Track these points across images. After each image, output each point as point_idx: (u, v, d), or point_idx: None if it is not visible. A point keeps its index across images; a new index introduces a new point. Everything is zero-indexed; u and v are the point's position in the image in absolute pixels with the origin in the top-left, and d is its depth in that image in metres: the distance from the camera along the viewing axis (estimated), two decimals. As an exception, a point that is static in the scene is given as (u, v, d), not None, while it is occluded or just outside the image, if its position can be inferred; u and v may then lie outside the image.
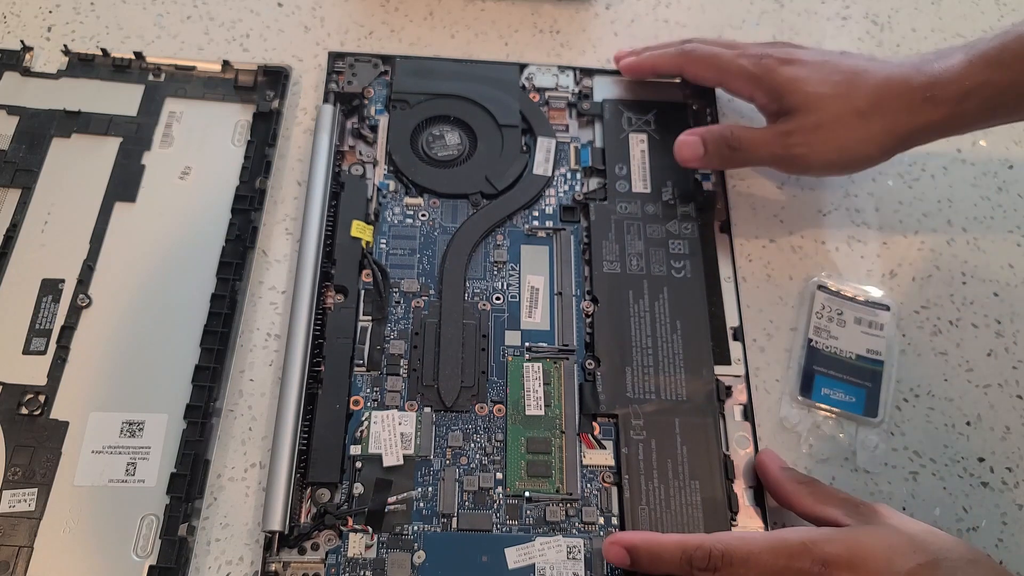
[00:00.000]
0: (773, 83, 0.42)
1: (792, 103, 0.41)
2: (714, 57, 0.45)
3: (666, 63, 0.48)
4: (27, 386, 0.40)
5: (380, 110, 0.49)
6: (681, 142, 0.44)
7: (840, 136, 0.41)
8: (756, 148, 0.43)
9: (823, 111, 0.40)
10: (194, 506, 0.38)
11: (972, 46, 0.40)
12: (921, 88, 0.40)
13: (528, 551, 0.38)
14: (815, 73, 0.41)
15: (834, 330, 0.44)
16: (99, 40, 0.51)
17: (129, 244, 0.44)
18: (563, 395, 0.41)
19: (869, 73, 0.41)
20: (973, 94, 0.39)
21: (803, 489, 0.37)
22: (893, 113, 0.40)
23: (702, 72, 0.46)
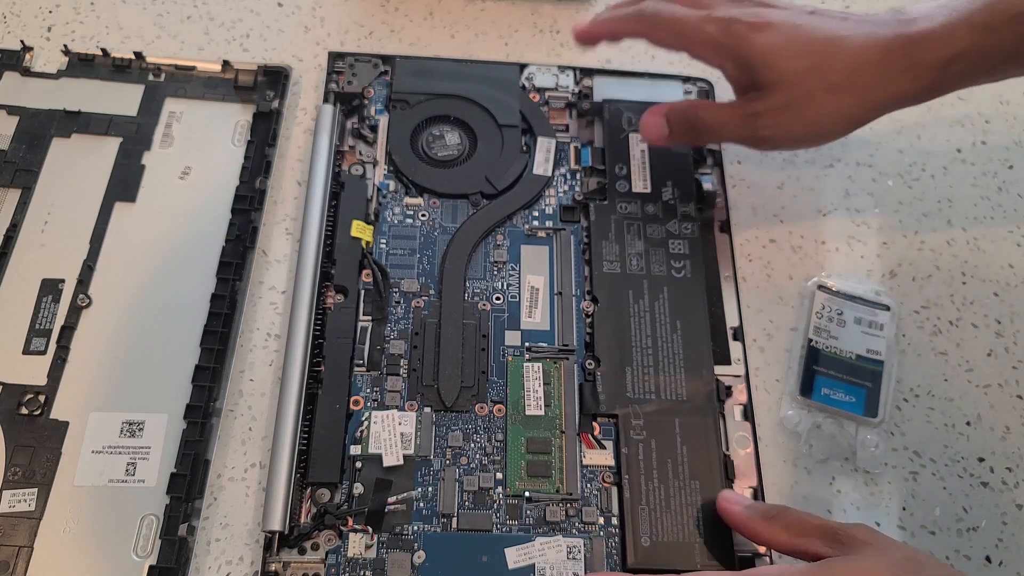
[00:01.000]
0: (745, 55, 0.38)
1: (764, 79, 0.38)
2: (677, 22, 0.40)
3: (623, 27, 0.43)
4: (27, 386, 0.40)
5: (380, 110, 0.49)
6: (645, 122, 0.42)
7: (811, 114, 0.38)
8: (722, 128, 0.41)
9: (795, 89, 0.38)
10: (194, 506, 0.38)
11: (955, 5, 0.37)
12: (901, 55, 0.37)
13: (528, 551, 0.38)
14: (790, 43, 0.38)
15: (834, 330, 0.44)
16: (99, 40, 0.51)
17: (129, 244, 0.44)
18: (563, 395, 0.41)
19: (845, 42, 0.38)
20: (956, 60, 0.37)
21: (775, 525, 0.35)
22: (869, 86, 0.37)
23: (664, 38, 0.42)
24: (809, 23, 0.39)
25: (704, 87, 0.52)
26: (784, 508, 0.36)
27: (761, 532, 0.35)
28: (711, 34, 0.39)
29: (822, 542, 0.33)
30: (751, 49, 0.38)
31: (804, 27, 0.38)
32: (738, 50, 0.38)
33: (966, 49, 0.36)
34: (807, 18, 0.39)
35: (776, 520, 0.35)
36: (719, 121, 0.40)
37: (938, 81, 0.37)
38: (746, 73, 0.39)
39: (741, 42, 0.38)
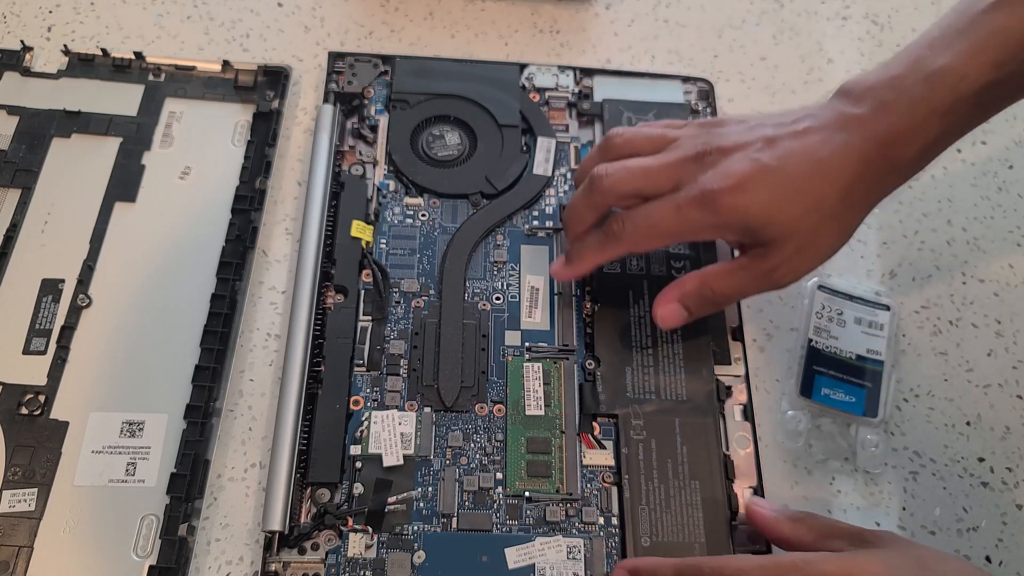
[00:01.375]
0: (741, 223, 0.36)
1: (767, 236, 0.36)
2: (656, 227, 0.38)
3: (606, 257, 0.40)
4: (27, 386, 0.40)
5: (380, 110, 0.49)
6: (662, 315, 0.39)
7: (820, 247, 0.37)
8: (741, 293, 0.39)
9: (800, 234, 0.36)
10: (194, 506, 0.38)
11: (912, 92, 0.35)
12: (881, 160, 0.36)
13: (528, 551, 0.38)
14: (777, 193, 0.36)
15: (834, 330, 0.44)
16: (99, 40, 0.51)
17: (129, 244, 0.44)
18: (563, 395, 0.41)
19: (826, 165, 0.36)
20: (931, 147, 0.36)
21: (802, 527, 0.36)
22: (862, 199, 0.37)
23: (651, 245, 0.40)
24: (778, 157, 0.36)
25: (704, 87, 0.52)
26: (811, 513, 0.36)
27: (787, 533, 0.36)
28: (698, 220, 0.37)
29: (847, 542, 0.34)
30: (744, 215, 0.36)
31: (778, 167, 0.36)
32: (732, 221, 0.36)
33: (938, 136, 0.36)
34: (770, 152, 0.36)
35: (803, 522, 0.36)
36: (737, 287, 0.39)
37: (918, 168, 0.37)
38: (747, 236, 0.37)
39: (731, 213, 0.36)
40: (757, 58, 0.54)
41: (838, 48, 0.55)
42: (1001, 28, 0.35)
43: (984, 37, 0.35)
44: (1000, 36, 0.35)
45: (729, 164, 0.37)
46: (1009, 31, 0.34)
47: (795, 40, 0.55)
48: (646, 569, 0.36)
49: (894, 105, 0.35)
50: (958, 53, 0.35)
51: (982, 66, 0.35)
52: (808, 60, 0.55)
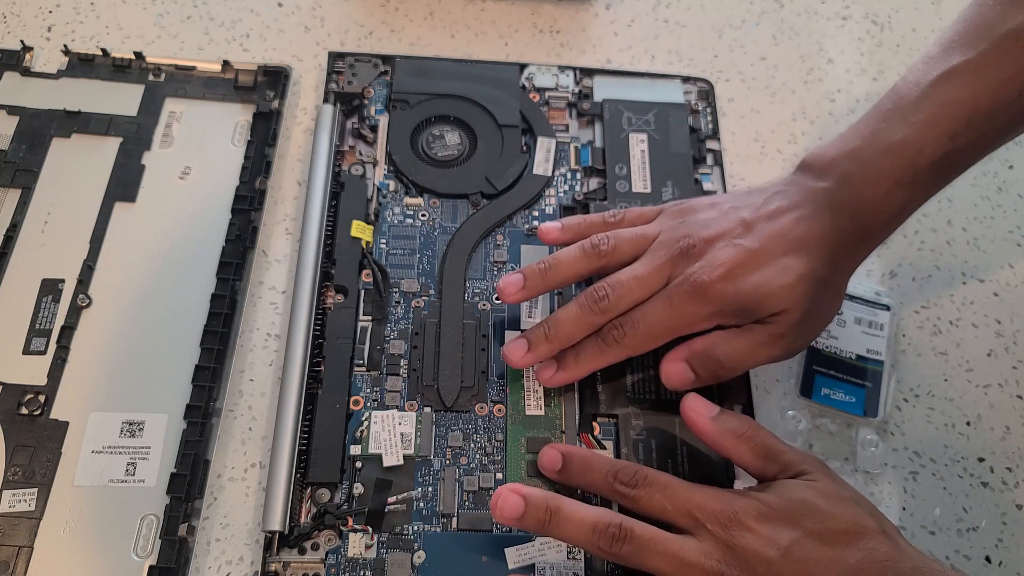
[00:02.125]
0: (734, 307, 0.37)
1: (766, 310, 0.37)
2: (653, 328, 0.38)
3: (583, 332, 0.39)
4: (27, 386, 0.40)
5: (380, 110, 0.49)
6: (668, 373, 0.39)
7: (825, 310, 0.39)
8: (750, 357, 0.38)
9: (799, 302, 0.37)
10: (194, 506, 0.38)
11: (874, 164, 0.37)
12: (853, 230, 0.37)
13: (528, 551, 0.38)
14: (763, 272, 0.37)
15: (834, 330, 0.44)
16: (99, 40, 0.51)
17: (129, 244, 0.44)
18: (563, 395, 0.41)
19: (804, 243, 0.37)
20: (897, 215, 0.38)
21: (744, 445, 0.36)
22: (844, 265, 0.38)
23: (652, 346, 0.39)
24: (759, 240, 0.37)
25: (704, 87, 0.52)
26: (752, 427, 0.36)
27: (730, 448, 0.36)
28: (694, 312, 0.37)
29: (780, 469, 0.35)
30: (737, 298, 0.37)
31: (760, 249, 0.37)
32: (727, 307, 0.37)
33: (903, 206, 0.38)
34: (750, 236, 0.38)
35: (745, 440, 0.36)
36: (747, 354, 0.38)
37: (887, 233, 0.39)
38: (746, 316, 0.37)
39: (724, 299, 0.37)
40: (757, 58, 0.54)
41: (838, 48, 0.55)
42: (952, 101, 0.36)
43: (936, 110, 0.37)
44: (951, 108, 0.36)
45: (714, 254, 0.38)
46: (959, 103, 0.36)
47: (795, 40, 0.55)
48: (581, 457, 0.37)
49: (857, 178, 0.37)
50: (913, 126, 0.37)
51: (938, 139, 0.36)
52: (808, 60, 0.55)
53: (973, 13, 0.38)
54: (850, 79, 0.54)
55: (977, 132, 0.37)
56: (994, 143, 0.38)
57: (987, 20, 0.37)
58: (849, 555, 0.31)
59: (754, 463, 0.36)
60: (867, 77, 0.54)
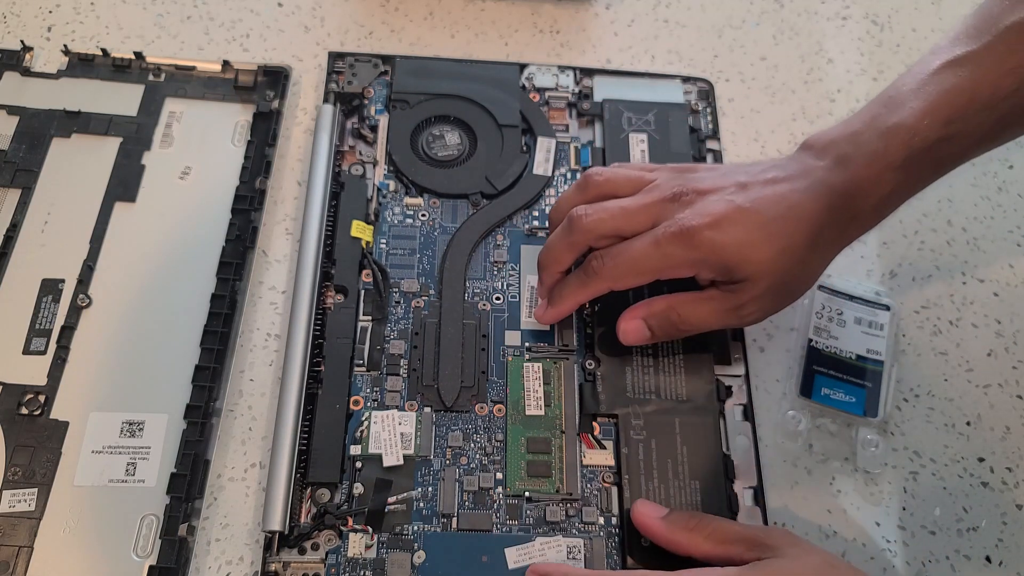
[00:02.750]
0: (718, 259, 0.37)
1: (741, 275, 0.37)
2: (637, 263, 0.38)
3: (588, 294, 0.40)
4: (27, 386, 0.40)
5: (380, 110, 0.49)
6: (624, 329, 0.40)
7: (788, 289, 0.39)
8: (706, 324, 0.39)
9: (771, 275, 0.37)
10: (194, 506, 0.38)
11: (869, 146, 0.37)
12: (844, 209, 0.37)
13: (528, 551, 0.38)
14: (752, 231, 0.37)
15: (834, 330, 0.44)
16: (99, 40, 0.51)
17: (129, 244, 0.44)
18: (563, 395, 0.41)
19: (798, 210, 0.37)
20: (888, 199, 0.38)
21: (697, 535, 0.35)
22: (828, 244, 0.38)
23: (635, 282, 0.39)
24: (751, 200, 0.38)
25: (704, 87, 0.52)
26: (704, 516, 0.37)
27: (683, 543, 0.36)
28: (677, 254, 0.38)
29: (745, 548, 0.34)
30: (721, 251, 0.37)
31: (752, 209, 0.37)
32: (709, 257, 0.37)
33: (894, 189, 0.38)
34: (744, 195, 0.38)
35: (697, 530, 0.36)
36: (703, 318, 0.39)
37: (878, 219, 0.39)
38: (722, 273, 0.38)
39: (709, 248, 0.37)
40: (757, 58, 0.54)
41: (838, 48, 0.55)
42: (951, 88, 0.37)
43: (935, 96, 0.37)
44: (949, 95, 0.37)
45: (706, 204, 0.38)
46: (957, 91, 0.37)
47: (795, 40, 0.55)
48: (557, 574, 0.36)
49: (853, 158, 0.37)
50: (911, 111, 0.37)
51: (933, 123, 0.37)
52: (808, 60, 0.55)
53: (984, 8, 0.38)
54: (850, 79, 0.54)
55: (974, 121, 0.37)
56: (990, 137, 0.38)
57: (994, 14, 0.37)
58: None
59: (715, 550, 0.35)
60: (867, 77, 0.54)
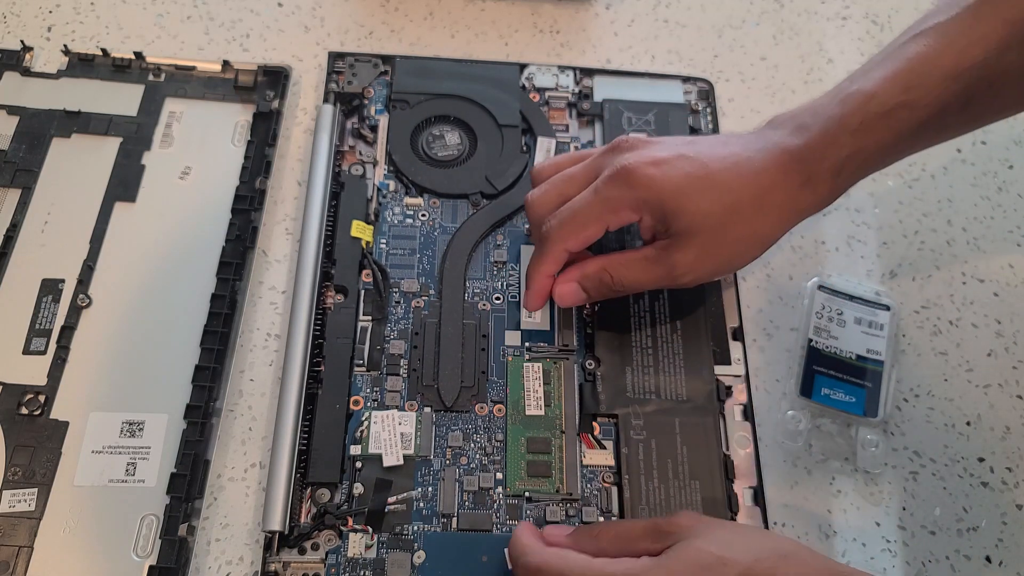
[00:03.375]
0: (657, 199, 0.36)
1: (678, 226, 0.36)
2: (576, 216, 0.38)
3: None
4: (27, 386, 0.40)
5: (380, 110, 0.49)
6: (559, 293, 0.40)
7: (727, 251, 0.38)
8: (639, 284, 0.39)
9: (709, 232, 0.36)
10: (194, 506, 0.38)
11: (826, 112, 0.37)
12: (797, 172, 0.37)
13: (528, 551, 0.38)
14: (694, 179, 0.36)
15: (834, 330, 0.44)
16: (99, 40, 0.51)
17: (129, 244, 0.44)
18: (563, 395, 0.41)
19: (746, 165, 0.37)
20: (844, 165, 0.37)
21: (601, 542, 0.34)
22: (777, 206, 0.37)
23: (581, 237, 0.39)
24: (697, 151, 0.37)
25: (704, 87, 0.52)
26: (605, 523, 0.36)
27: (592, 552, 0.34)
28: (616, 196, 0.37)
29: (651, 540, 0.33)
30: (660, 191, 0.36)
31: (695, 157, 0.37)
32: (648, 197, 0.36)
33: (850, 154, 0.37)
34: (690, 147, 0.38)
35: (601, 536, 0.35)
36: (635, 279, 0.39)
37: (834, 187, 0.38)
38: (660, 219, 0.37)
39: (647, 187, 0.36)
40: (757, 58, 0.54)
41: (838, 48, 0.55)
42: (913, 56, 0.36)
43: (898, 64, 0.37)
44: (912, 63, 0.36)
45: (648, 148, 0.38)
46: (920, 58, 0.36)
47: (795, 40, 0.55)
48: None
49: (810, 126, 0.37)
50: (872, 79, 0.37)
51: (891, 88, 0.36)
52: (808, 60, 0.55)
53: None
54: (850, 79, 0.54)
55: (936, 89, 0.36)
56: (955, 109, 0.36)
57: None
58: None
59: (624, 552, 0.33)
60: (867, 77, 0.54)
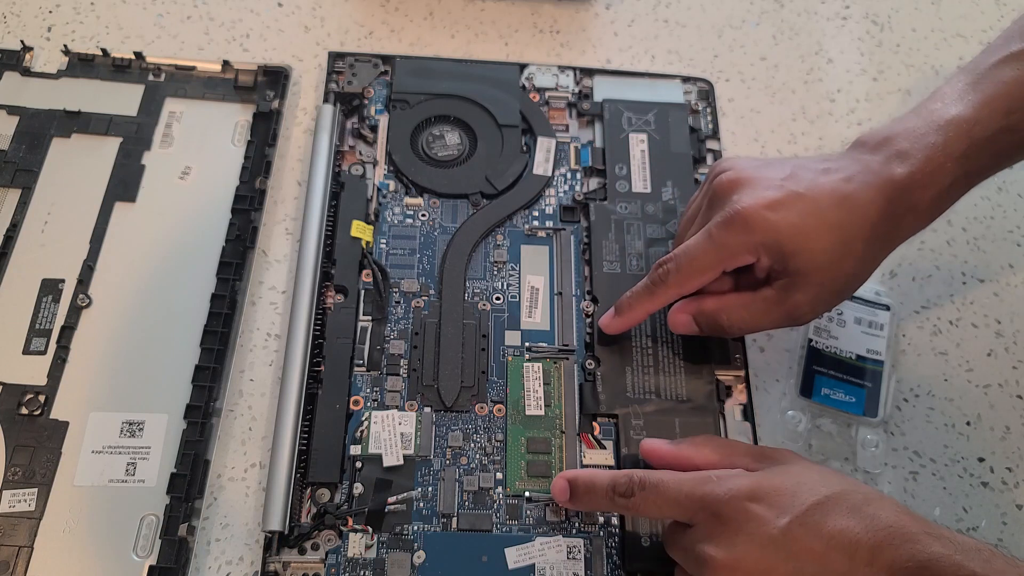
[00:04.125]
0: (775, 240, 0.36)
1: (796, 266, 0.36)
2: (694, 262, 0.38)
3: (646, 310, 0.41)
4: (27, 386, 0.40)
5: (380, 110, 0.49)
6: (676, 322, 0.40)
7: (843, 285, 0.38)
8: (757, 326, 0.39)
9: (827, 270, 0.36)
10: (194, 506, 0.38)
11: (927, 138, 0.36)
12: (901, 202, 0.36)
13: (528, 551, 0.38)
14: (808, 219, 0.36)
15: (834, 330, 0.44)
16: (99, 40, 0.51)
17: (129, 244, 0.44)
18: (563, 395, 0.41)
19: (854, 200, 0.36)
20: (947, 192, 0.37)
21: (705, 449, 0.37)
22: (885, 238, 0.37)
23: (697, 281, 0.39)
24: (806, 186, 0.37)
25: (704, 87, 0.52)
26: (707, 436, 0.38)
27: (693, 457, 0.37)
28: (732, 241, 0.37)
29: (751, 459, 0.36)
30: (777, 233, 0.36)
31: (806, 194, 0.36)
32: (766, 240, 0.36)
33: (954, 182, 0.37)
34: (796, 181, 0.37)
35: (705, 445, 0.37)
36: (754, 321, 0.39)
37: (935, 214, 0.38)
38: (778, 260, 0.37)
39: (764, 230, 0.36)
40: (757, 58, 0.54)
41: (838, 48, 0.55)
42: (1011, 80, 0.37)
43: (994, 88, 0.37)
44: (1009, 87, 0.36)
45: (756, 189, 0.37)
46: (1016, 83, 0.36)
47: (795, 40, 0.55)
48: (584, 481, 0.37)
49: (911, 152, 0.37)
50: (970, 103, 0.37)
51: (993, 113, 0.36)
52: (808, 60, 0.55)
53: None
54: (850, 79, 0.54)
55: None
56: None
57: None
58: (853, 525, 0.31)
59: (723, 462, 0.36)
60: (867, 77, 0.54)
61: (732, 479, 0.33)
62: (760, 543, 0.31)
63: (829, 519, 0.31)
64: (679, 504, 0.34)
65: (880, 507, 0.32)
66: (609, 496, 0.36)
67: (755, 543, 0.32)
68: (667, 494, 0.34)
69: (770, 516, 0.32)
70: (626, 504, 0.35)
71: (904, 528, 0.31)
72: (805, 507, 0.32)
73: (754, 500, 0.32)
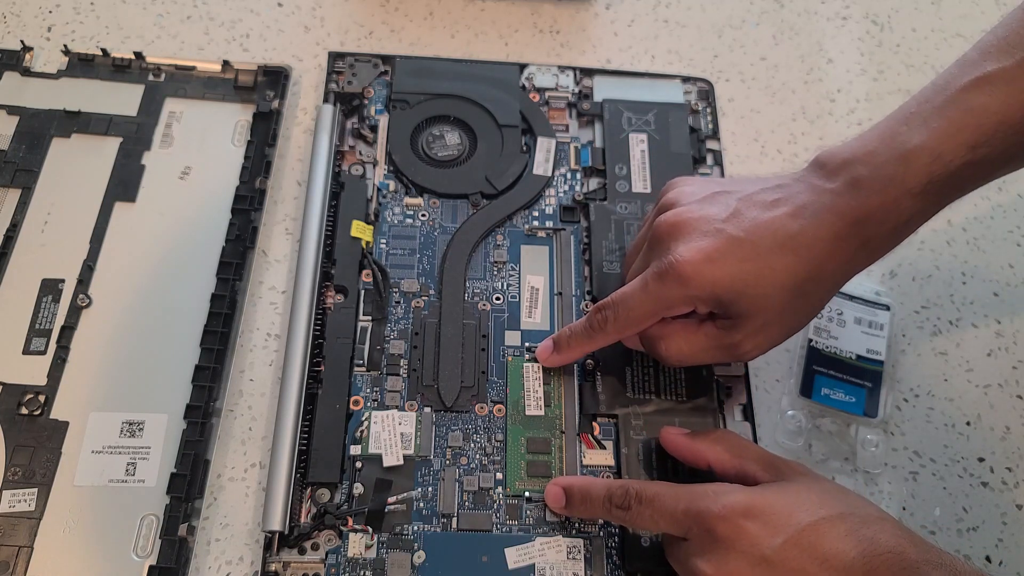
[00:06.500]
0: (709, 295, 0.35)
1: (736, 311, 0.36)
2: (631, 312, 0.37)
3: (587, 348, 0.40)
4: (27, 386, 0.40)
5: (380, 110, 0.49)
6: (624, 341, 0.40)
7: (787, 322, 0.37)
8: (696, 359, 0.38)
9: (769, 312, 0.35)
10: (194, 506, 0.38)
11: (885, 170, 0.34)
12: (854, 237, 0.35)
13: (528, 551, 0.38)
14: (744, 264, 0.35)
15: (834, 330, 0.44)
16: (99, 40, 0.51)
17: (129, 244, 0.44)
18: (563, 395, 0.41)
19: (799, 240, 0.35)
20: (903, 227, 0.35)
21: (719, 446, 0.37)
22: (833, 276, 0.36)
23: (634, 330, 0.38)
24: (744, 229, 0.35)
25: (704, 87, 0.52)
26: (726, 432, 0.39)
27: (705, 451, 0.37)
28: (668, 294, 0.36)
29: (760, 467, 0.36)
30: (713, 287, 0.35)
31: (745, 239, 0.35)
32: (702, 293, 0.35)
33: (911, 218, 0.35)
34: (735, 223, 0.36)
35: (720, 441, 0.37)
36: (692, 354, 0.38)
37: (892, 245, 0.36)
38: (718, 307, 0.36)
39: (700, 285, 0.35)
40: (757, 58, 0.54)
41: (838, 48, 0.55)
42: (978, 108, 0.34)
43: (960, 116, 0.34)
44: (977, 117, 0.34)
45: (693, 238, 0.36)
46: (986, 112, 0.33)
47: (795, 40, 0.55)
48: (580, 489, 0.37)
49: (867, 182, 0.34)
50: (933, 131, 0.34)
51: (957, 147, 0.34)
52: (808, 60, 0.55)
53: (1015, 19, 0.35)
54: (850, 79, 0.54)
55: (1001, 145, 0.34)
56: (1017, 160, 0.35)
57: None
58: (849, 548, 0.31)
59: (733, 462, 0.36)
60: (867, 77, 0.54)
61: (728, 495, 0.33)
62: (752, 562, 0.31)
63: (824, 541, 0.31)
64: (675, 519, 0.34)
65: (880, 529, 0.31)
66: (605, 507, 0.36)
67: (747, 561, 0.31)
68: (663, 509, 0.34)
69: (764, 535, 0.31)
70: (622, 516, 0.35)
71: (903, 554, 0.31)
72: (801, 528, 0.31)
73: (749, 518, 0.32)
